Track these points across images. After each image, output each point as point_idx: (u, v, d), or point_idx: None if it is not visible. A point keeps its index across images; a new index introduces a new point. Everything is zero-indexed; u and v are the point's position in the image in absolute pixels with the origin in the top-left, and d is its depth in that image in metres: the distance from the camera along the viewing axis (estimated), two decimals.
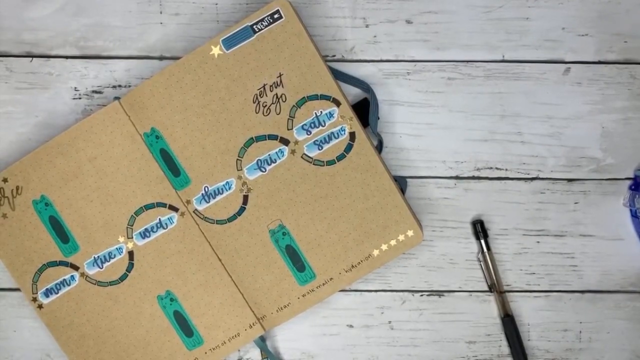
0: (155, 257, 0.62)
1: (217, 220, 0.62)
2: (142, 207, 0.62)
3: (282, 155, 0.61)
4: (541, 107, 0.64)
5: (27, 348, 0.65)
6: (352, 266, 0.62)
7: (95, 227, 0.62)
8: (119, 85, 0.64)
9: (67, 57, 0.64)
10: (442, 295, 0.65)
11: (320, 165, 0.61)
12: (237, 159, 0.61)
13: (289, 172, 0.61)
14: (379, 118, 0.64)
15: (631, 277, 0.65)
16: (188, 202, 0.62)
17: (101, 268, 0.62)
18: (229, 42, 0.60)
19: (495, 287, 0.63)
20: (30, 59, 0.64)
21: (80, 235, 0.62)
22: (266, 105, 0.61)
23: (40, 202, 0.61)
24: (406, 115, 0.64)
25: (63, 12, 0.64)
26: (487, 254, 0.63)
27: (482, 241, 0.63)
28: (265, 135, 0.61)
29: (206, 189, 0.61)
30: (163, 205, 0.62)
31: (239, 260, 0.62)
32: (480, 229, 0.63)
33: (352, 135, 0.61)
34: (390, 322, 0.65)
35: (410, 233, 0.62)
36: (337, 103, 0.61)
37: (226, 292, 0.62)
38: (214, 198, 0.62)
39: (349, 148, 0.61)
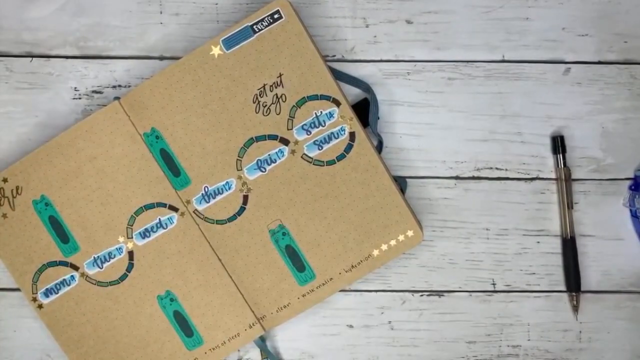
0: (155, 257, 0.62)
1: (217, 220, 0.62)
2: (142, 207, 0.62)
3: (282, 155, 0.61)
4: (541, 107, 0.64)
5: (27, 348, 0.65)
6: (352, 266, 0.62)
7: (95, 227, 0.62)
8: (119, 85, 0.64)
9: (67, 57, 0.64)
10: (442, 295, 0.65)
11: (320, 165, 0.61)
12: (237, 159, 0.61)
13: (289, 172, 0.61)
14: (379, 118, 0.64)
15: (631, 277, 0.65)
16: (188, 202, 0.62)
17: (101, 268, 0.62)
18: (229, 42, 0.60)
19: (565, 205, 0.63)
20: (30, 59, 0.64)
21: (80, 235, 0.62)
22: (266, 105, 0.61)
23: (40, 202, 0.61)
24: (406, 115, 0.64)
25: (63, 12, 0.64)
26: (563, 169, 0.63)
27: (560, 156, 0.63)
28: (265, 135, 0.61)
29: (206, 189, 0.61)
30: (163, 205, 0.62)
31: (238, 260, 0.62)
32: (559, 144, 0.63)
33: (352, 135, 0.61)
34: (390, 322, 0.65)
35: (410, 233, 0.62)
36: (337, 103, 0.61)
37: (226, 292, 0.62)
38: (213, 198, 0.62)
39: (349, 148, 0.61)
